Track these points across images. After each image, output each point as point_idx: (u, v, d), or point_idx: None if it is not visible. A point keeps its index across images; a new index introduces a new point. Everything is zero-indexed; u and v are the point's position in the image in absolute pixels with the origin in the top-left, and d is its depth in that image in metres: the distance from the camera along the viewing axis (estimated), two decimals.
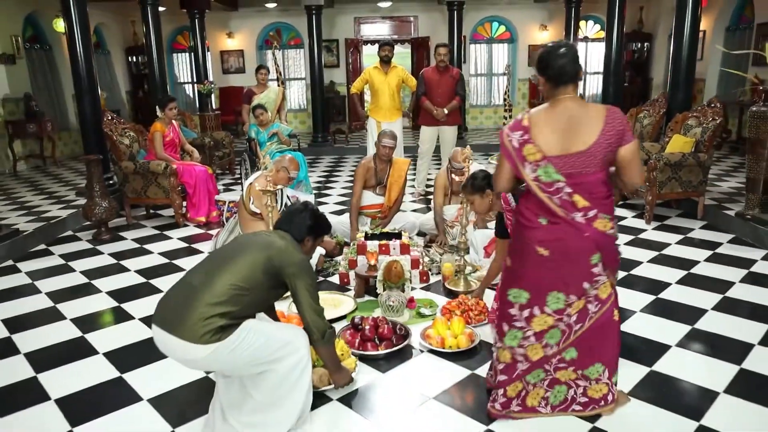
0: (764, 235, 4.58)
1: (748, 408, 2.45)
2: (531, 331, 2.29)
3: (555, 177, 2.12)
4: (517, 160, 2.16)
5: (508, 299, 2.30)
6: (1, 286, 4.15)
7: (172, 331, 2.05)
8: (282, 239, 2.33)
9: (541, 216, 2.19)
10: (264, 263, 2.20)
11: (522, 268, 2.27)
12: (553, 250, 2.19)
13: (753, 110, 4.79)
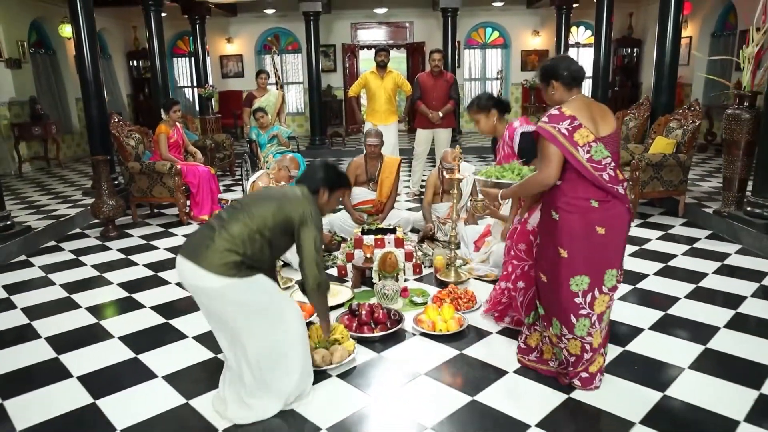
0: (738, 230, 4.84)
1: (708, 380, 2.70)
2: (594, 316, 2.55)
3: (605, 154, 2.45)
4: (570, 146, 2.42)
5: (571, 290, 2.52)
6: (17, 278, 4.38)
7: (194, 259, 2.28)
8: (297, 191, 2.51)
9: (592, 199, 2.47)
10: (275, 211, 2.38)
11: (581, 254, 2.48)
12: (609, 226, 2.48)
13: (728, 113, 5.07)
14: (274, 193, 2.54)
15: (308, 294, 2.51)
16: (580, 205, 2.48)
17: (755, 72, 4.92)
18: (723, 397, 2.54)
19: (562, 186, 2.51)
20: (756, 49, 4.86)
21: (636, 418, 2.38)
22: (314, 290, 2.47)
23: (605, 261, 2.51)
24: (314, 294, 2.50)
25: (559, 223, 2.51)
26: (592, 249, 2.49)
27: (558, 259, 2.53)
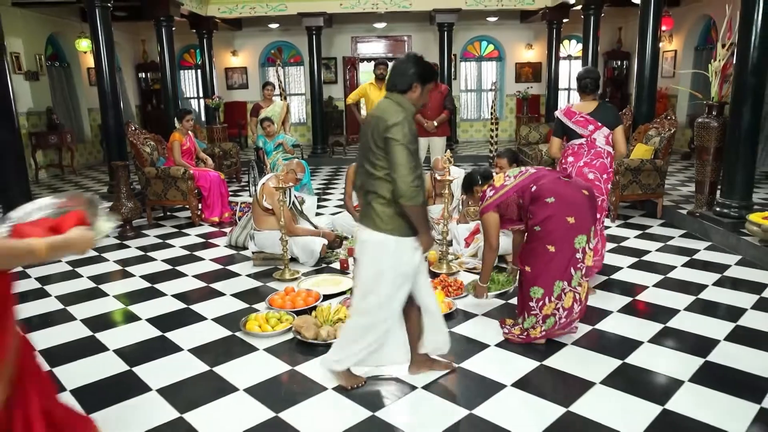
0: (709, 229, 5.27)
1: (662, 351, 3.11)
2: (584, 267, 3.13)
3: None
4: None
5: (575, 247, 3.07)
6: (47, 271, 4.80)
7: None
8: (385, 108, 2.49)
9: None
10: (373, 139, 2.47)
11: (580, 217, 3.07)
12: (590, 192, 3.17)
13: (698, 122, 5.52)
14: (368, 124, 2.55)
15: (402, 203, 2.44)
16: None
17: (722, 84, 5.37)
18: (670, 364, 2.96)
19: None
20: (722, 64, 5.32)
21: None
22: (404, 197, 2.41)
23: (591, 220, 3.15)
24: (406, 202, 2.42)
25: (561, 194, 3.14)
26: (585, 210, 3.12)
27: (566, 225, 3.05)
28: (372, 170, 2.48)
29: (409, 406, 2.66)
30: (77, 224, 1.68)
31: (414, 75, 2.53)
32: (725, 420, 2.46)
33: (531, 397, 2.69)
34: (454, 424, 2.49)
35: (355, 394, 2.75)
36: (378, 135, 2.44)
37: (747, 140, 5.01)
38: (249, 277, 4.53)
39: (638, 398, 2.65)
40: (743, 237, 4.82)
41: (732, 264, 4.59)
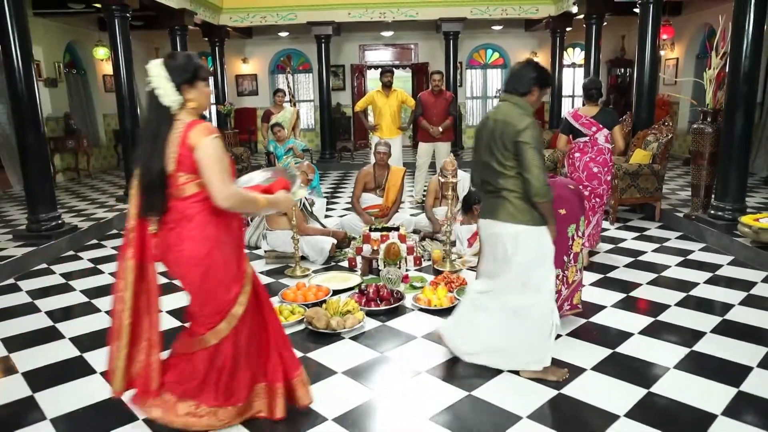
0: (704, 231, 5.46)
1: (651, 342, 3.32)
2: (572, 252, 3.41)
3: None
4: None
5: (568, 235, 3.33)
6: (70, 269, 5.06)
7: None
8: (508, 113, 2.68)
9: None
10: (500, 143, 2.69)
11: (570, 208, 3.31)
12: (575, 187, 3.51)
13: (694, 127, 5.73)
14: (488, 129, 2.77)
15: (535, 200, 2.66)
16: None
17: (716, 92, 5.57)
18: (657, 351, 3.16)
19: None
20: (716, 72, 5.53)
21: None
22: (538, 195, 2.62)
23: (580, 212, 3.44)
24: (539, 199, 2.64)
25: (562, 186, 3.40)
26: (577, 201, 3.43)
27: (561, 217, 3.19)
28: (502, 169, 2.71)
29: (411, 387, 2.88)
30: (282, 189, 2.52)
31: (533, 79, 2.74)
32: (705, 402, 2.67)
33: (526, 381, 2.90)
34: (454, 404, 2.71)
35: (364, 377, 2.97)
36: (507, 138, 2.66)
37: (740, 146, 5.21)
38: (262, 274, 4.76)
39: (625, 382, 2.86)
40: (736, 238, 5.01)
41: (724, 264, 4.78)
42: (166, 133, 2.23)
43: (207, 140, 2.20)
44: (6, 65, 5.25)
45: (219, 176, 2.20)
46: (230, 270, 2.36)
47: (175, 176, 2.24)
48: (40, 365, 3.19)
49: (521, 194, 2.70)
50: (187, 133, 2.20)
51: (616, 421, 2.54)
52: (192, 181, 2.25)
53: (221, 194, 2.20)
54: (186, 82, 2.25)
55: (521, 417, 2.59)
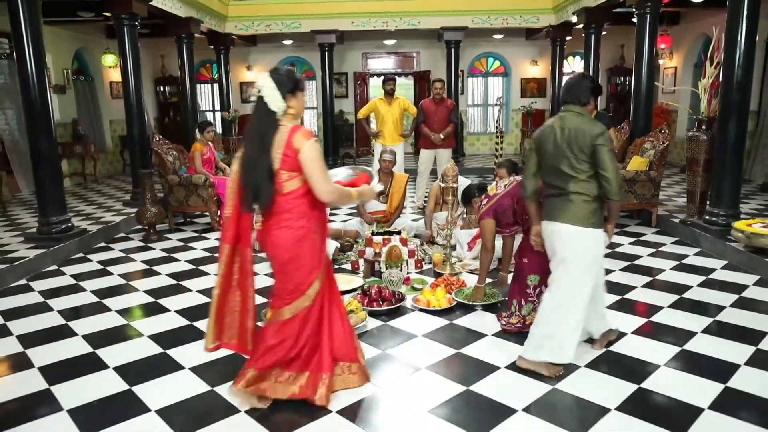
0: (699, 236, 5.58)
1: (644, 341, 3.44)
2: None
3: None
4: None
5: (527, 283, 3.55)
6: (80, 270, 5.20)
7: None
8: (579, 121, 2.91)
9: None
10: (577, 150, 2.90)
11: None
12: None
13: (689, 135, 5.86)
14: (562, 139, 2.96)
15: (612, 199, 2.89)
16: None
17: (711, 100, 5.71)
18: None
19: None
20: (710, 81, 5.67)
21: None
22: (616, 194, 2.86)
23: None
24: (616, 197, 2.88)
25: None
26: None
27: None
28: (574, 174, 2.91)
29: (412, 382, 3.00)
30: (365, 182, 3.02)
31: (591, 90, 3.01)
32: (693, 396, 2.78)
33: (522, 377, 3.02)
34: (453, 398, 2.83)
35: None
36: (583, 144, 2.87)
37: (733, 153, 5.34)
38: (267, 276, 4.89)
39: (618, 378, 2.98)
40: (730, 243, 5.13)
41: (718, 268, 4.90)
42: (272, 135, 2.56)
43: (309, 143, 2.54)
44: (20, 72, 5.40)
45: (322, 175, 2.56)
46: (314, 257, 2.70)
47: (278, 174, 2.57)
48: (54, 360, 3.32)
49: (590, 197, 2.91)
50: (292, 136, 2.54)
51: (608, 413, 2.66)
52: (292, 179, 2.58)
53: (324, 190, 2.57)
54: (289, 92, 2.60)
55: (516, 410, 2.71)
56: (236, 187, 2.66)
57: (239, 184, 2.64)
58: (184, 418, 2.69)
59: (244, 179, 2.61)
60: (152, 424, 2.65)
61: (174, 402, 2.84)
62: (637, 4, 7.09)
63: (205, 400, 2.87)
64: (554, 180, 3.01)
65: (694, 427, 2.54)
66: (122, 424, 2.65)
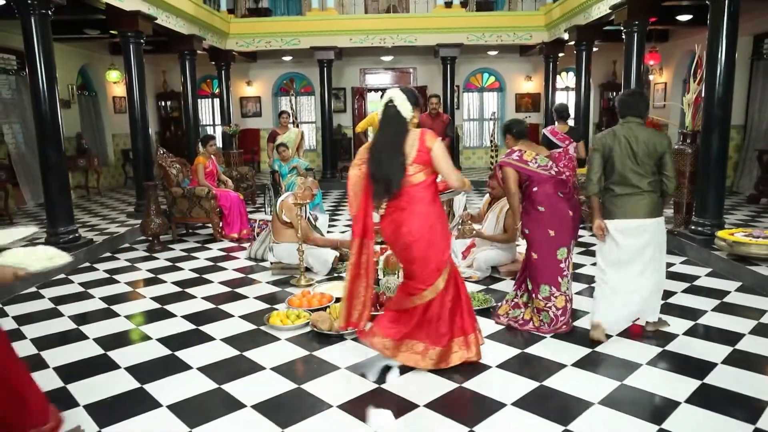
0: (685, 245, 5.79)
1: (625, 342, 3.62)
2: (569, 275, 3.88)
3: (546, 161, 3.94)
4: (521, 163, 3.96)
5: (557, 258, 3.81)
6: (88, 278, 5.37)
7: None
8: (649, 132, 3.50)
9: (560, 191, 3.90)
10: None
11: (561, 233, 3.82)
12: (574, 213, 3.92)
13: (674, 148, 6.07)
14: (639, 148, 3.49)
15: (669, 194, 3.60)
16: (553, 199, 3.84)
17: (695, 115, 5.95)
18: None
19: (538, 190, 3.85)
20: (694, 96, 5.91)
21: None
22: (671, 191, 3.55)
23: (572, 235, 3.90)
24: (670, 194, 3.61)
25: (545, 213, 3.83)
26: (567, 227, 3.86)
27: (547, 238, 3.81)
28: (647, 175, 3.49)
29: (409, 379, 3.18)
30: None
31: (647, 105, 3.65)
32: (671, 392, 2.97)
33: (512, 375, 3.21)
34: (445, 394, 3.01)
35: (364, 371, 3.27)
36: (657, 152, 3.47)
37: (717, 165, 5.57)
38: (268, 284, 5.08)
39: (601, 376, 3.17)
40: (714, 252, 5.34)
41: (702, 275, 5.10)
42: (404, 136, 3.15)
43: (438, 142, 3.16)
44: (32, 88, 5.63)
45: (451, 166, 3.17)
46: (445, 237, 3.24)
47: (407, 167, 3.12)
48: (68, 361, 3.49)
49: (657, 193, 3.53)
50: (423, 137, 3.13)
51: (591, 407, 2.84)
52: (419, 171, 3.13)
53: (455, 177, 3.21)
54: (414, 104, 3.22)
55: (506, 404, 2.89)
56: (363, 186, 3.21)
57: (367, 182, 3.19)
58: (193, 413, 2.86)
59: (376, 174, 3.14)
60: (164, 418, 2.82)
61: (183, 398, 3.01)
62: (624, 23, 7.37)
63: (213, 396, 3.04)
64: (628, 180, 3.51)
65: (671, 417, 2.73)
66: (136, 418, 2.82)
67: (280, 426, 2.73)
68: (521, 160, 3.90)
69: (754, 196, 8.26)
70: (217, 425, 2.76)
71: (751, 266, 4.87)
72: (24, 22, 5.47)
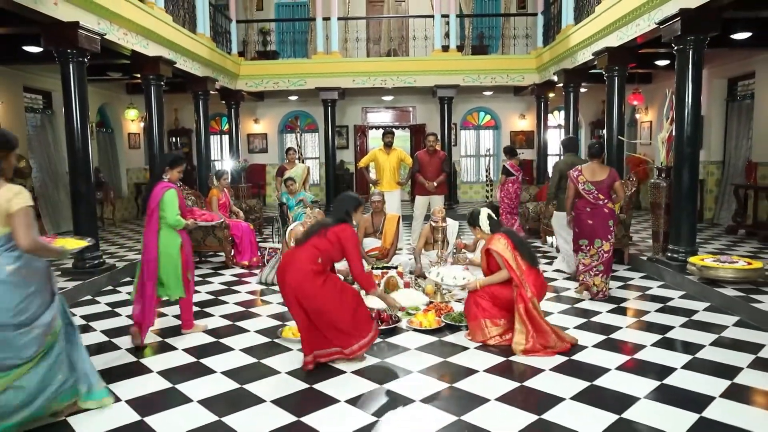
0: (662, 271, 6.28)
1: (601, 355, 4.10)
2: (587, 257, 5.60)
3: (590, 188, 5.51)
4: (577, 184, 5.59)
5: (580, 245, 5.65)
6: (113, 299, 5.86)
7: None
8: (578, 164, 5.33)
9: (588, 206, 5.56)
10: None
11: (581, 230, 5.60)
12: (593, 218, 5.50)
13: (651, 182, 6.65)
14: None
15: None
16: (581, 208, 5.61)
17: (669, 152, 6.53)
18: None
19: (578, 200, 5.62)
20: (667, 135, 6.50)
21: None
22: None
23: (593, 233, 5.55)
24: None
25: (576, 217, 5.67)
26: (585, 227, 5.59)
27: (574, 232, 5.75)
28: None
29: (405, 382, 3.64)
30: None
31: (577, 144, 5.40)
32: (632, 389, 3.44)
33: (497, 378, 3.67)
34: (440, 392, 3.47)
35: (368, 376, 3.74)
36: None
37: (688, 197, 6.11)
38: (279, 304, 5.55)
39: (574, 378, 3.63)
40: (687, 276, 5.83)
41: (676, 297, 5.59)
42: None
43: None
44: (67, 126, 6.24)
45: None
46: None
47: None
48: (107, 366, 3.95)
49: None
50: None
51: (562, 402, 3.31)
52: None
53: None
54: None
55: (489, 399, 3.35)
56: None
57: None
58: (220, 406, 3.32)
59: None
60: (195, 410, 3.29)
61: (211, 395, 3.47)
62: (606, 68, 8.03)
63: (237, 394, 3.50)
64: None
65: (632, 408, 3.19)
66: (171, 410, 3.29)
67: (296, 415, 3.19)
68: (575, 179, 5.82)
69: (732, 227, 8.78)
70: (241, 415, 3.22)
71: (719, 288, 5.36)
72: (63, 68, 6.10)
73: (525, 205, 9.50)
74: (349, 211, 4.01)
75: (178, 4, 9.31)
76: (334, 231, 3.84)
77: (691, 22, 5.76)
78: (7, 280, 2.84)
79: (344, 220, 3.97)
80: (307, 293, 3.69)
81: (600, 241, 5.51)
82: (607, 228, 5.51)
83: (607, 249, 5.52)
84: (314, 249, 3.77)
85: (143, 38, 7.68)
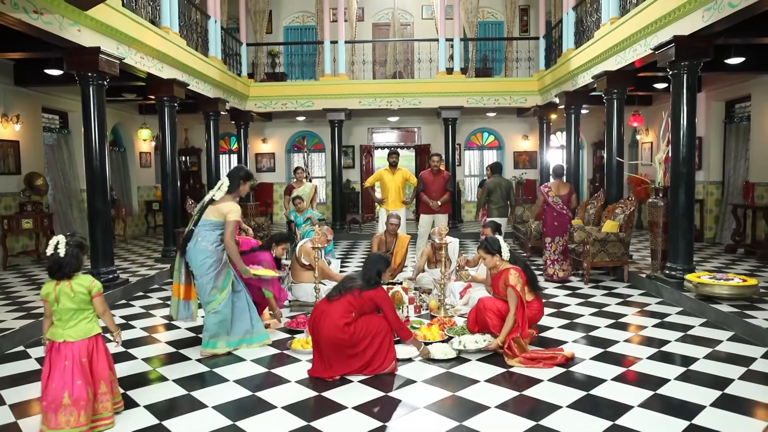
0: (660, 288, 6.44)
1: (596, 364, 4.26)
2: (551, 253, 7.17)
3: (558, 200, 7.12)
4: (546, 197, 7.18)
5: (546, 243, 7.35)
6: (127, 312, 6.07)
7: None
8: (503, 184, 6.30)
9: (554, 213, 7.23)
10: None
11: (548, 231, 7.16)
12: (558, 221, 7.16)
13: (649, 202, 6.84)
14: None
15: None
16: (550, 214, 7.21)
17: (666, 172, 6.73)
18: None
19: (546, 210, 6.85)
20: (664, 156, 6.71)
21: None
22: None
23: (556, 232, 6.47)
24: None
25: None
26: (552, 227, 7.10)
27: (544, 232, 6.64)
28: (503, 201, 7.64)
29: (409, 390, 3.81)
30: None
31: (501, 168, 6.22)
32: (627, 398, 3.59)
33: (495, 386, 3.84)
34: (442, 399, 3.64)
35: (375, 385, 3.91)
36: (505, 189, 7.95)
37: (684, 216, 6.29)
38: (288, 318, 5.74)
39: (570, 387, 3.79)
40: (684, 293, 5.99)
41: (673, 313, 5.74)
42: None
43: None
44: (85, 145, 6.50)
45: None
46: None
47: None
48: (124, 375, 4.13)
49: (506, 207, 6.06)
50: None
51: (558, 409, 3.47)
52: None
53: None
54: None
55: (490, 406, 3.52)
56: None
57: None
58: (234, 412, 3.50)
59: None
60: (211, 415, 3.46)
61: (225, 402, 3.65)
62: (605, 91, 8.28)
63: (249, 400, 3.68)
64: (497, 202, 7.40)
65: (626, 416, 3.35)
66: (188, 415, 3.47)
67: (306, 420, 3.37)
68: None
69: (731, 246, 8.94)
70: (254, 419, 3.40)
71: (715, 304, 5.52)
72: (83, 90, 6.39)
73: (528, 224, 9.68)
74: (381, 271, 4.31)
75: (192, 28, 9.67)
76: (369, 295, 4.14)
77: (684, 48, 6.01)
78: (206, 249, 4.46)
79: (377, 282, 4.25)
80: (343, 343, 3.99)
81: (559, 238, 7.35)
82: (565, 228, 7.38)
83: (563, 243, 7.37)
84: (348, 305, 4.07)
85: (159, 62, 7.99)
